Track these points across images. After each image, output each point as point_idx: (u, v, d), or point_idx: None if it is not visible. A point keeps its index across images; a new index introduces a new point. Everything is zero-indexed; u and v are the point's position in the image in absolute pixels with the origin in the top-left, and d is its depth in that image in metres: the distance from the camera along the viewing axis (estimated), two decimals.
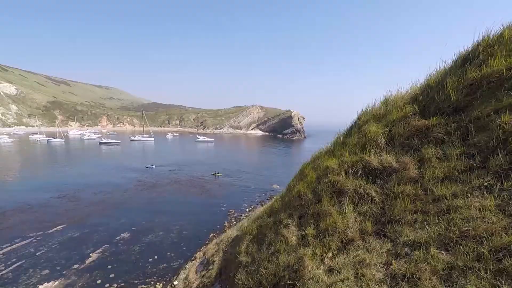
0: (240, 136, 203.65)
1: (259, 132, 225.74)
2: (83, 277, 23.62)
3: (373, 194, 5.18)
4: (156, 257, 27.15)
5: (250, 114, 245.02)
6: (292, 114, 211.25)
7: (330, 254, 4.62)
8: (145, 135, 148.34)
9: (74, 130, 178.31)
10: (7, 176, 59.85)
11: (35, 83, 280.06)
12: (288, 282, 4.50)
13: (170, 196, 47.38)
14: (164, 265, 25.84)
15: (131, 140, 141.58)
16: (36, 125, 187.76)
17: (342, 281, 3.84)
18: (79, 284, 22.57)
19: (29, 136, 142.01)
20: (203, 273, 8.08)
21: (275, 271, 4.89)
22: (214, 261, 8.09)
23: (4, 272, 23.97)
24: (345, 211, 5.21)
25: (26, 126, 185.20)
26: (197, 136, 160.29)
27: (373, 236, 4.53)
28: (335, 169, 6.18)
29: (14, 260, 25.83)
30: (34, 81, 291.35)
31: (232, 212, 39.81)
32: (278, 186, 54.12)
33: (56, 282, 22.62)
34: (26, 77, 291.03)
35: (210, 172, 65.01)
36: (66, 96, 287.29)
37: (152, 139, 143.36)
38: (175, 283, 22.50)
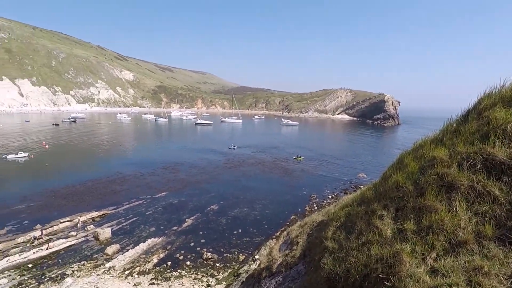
0: (325, 120, 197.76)
1: (346, 117, 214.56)
2: (180, 238, 27.24)
3: (497, 193, 4.30)
4: (240, 230, 29.23)
5: (338, 97, 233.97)
6: (386, 98, 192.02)
7: (433, 254, 4.09)
8: (234, 117, 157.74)
9: (175, 111, 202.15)
10: (126, 148, 72.58)
11: (146, 70, 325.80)
12: (380, 275, 4.19)
13: (254, 176, 49.82)
14: (247, 239, 27.65)
15: (221, 122, 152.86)
16: (147, 106, 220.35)
17: (450, 286, 3.36)
18: (177, 244, 26.13)
19: (142, 115, 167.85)
20: (287, 252, 8.28)
21: (366, 262, 4.62)
22: (298, 242, 8.19)
23: (124, 224, 29.51)
24: (456, 208, 4.49)
25: (140, 107, 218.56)
26: (282, 119, 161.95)
27: (494, 242, 3.79)
28: (444, 160, 5.36)
29: (131, 215, 31.50)
30: (146, 68, 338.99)
31: (314, 197, 39.52)
32: (365, 175, 51.01)
33: (160, 239, 26.69)
34: (140, 65, 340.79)
35: (293, 156, 65.41)
36: (169, 81, 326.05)
37: (240, 121, 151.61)
38: (256, 257, 23.89)
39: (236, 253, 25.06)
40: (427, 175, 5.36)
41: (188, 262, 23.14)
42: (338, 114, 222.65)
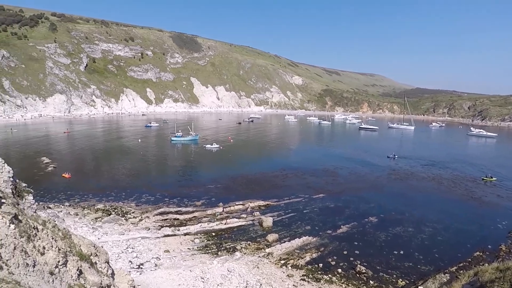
0: None
1: None
2: (333, 243, 26.85)
3: None
4: (401, 252, 25.70)
5: None
6: None
7: None
8: (404, 123, 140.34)
9: (339, 114, 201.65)
10: (290, 148, 79.05)
11: (314, 75, 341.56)
12: None
13: (426, 193, 42.55)
14: (410, 264, 23.95)
15: (389, 127, 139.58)
16: (312, 109, 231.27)
17: None
18: (330, 248, 25.92)
19: (307, 118, 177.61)
20: None
21: None
22: None
23: (283, 217, 32.18)
24: None
25: (305, 110, 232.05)
26: (471, 128, 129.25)
27: None
28: None
29: (289, 210, 33.95)
30: (314, 73, 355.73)
31: None
32: None
33: (314, 239, 27.29)
34: (309, 70, 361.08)
35: (481, 176, 51.15)
36: (335, 84, 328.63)
37: (412, 127, 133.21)
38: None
39: (394, 276, 22.21)
40: None
41: (339, 270, 22.50)
42: None
